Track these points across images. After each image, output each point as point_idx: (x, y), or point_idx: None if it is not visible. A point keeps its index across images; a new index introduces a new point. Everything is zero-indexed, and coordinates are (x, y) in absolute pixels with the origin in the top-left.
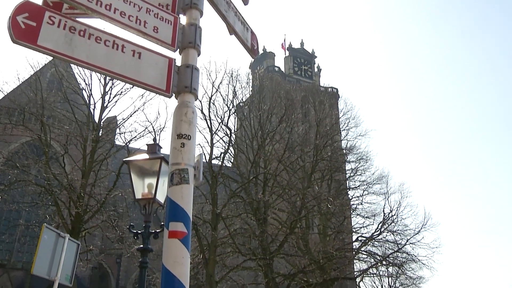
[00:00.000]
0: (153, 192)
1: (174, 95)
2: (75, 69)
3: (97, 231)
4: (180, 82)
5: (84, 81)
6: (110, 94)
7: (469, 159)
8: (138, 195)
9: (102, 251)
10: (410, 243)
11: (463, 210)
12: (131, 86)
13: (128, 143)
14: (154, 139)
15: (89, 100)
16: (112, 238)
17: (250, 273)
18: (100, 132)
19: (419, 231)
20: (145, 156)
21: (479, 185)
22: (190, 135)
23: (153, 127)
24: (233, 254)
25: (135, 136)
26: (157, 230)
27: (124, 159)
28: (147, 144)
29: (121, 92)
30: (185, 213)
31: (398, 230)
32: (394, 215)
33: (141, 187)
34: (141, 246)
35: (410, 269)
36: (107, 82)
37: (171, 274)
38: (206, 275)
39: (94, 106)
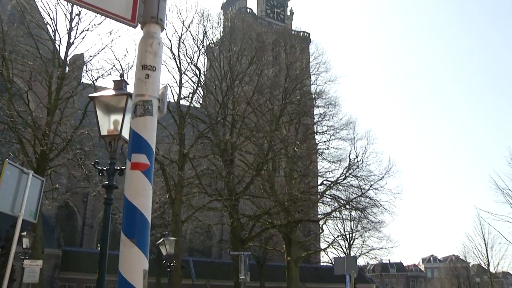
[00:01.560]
0: (119, 128)
1: (139, 25)
2: (39, 1)
3: (63, 170)
4: (146, 12)
5: (49, 15)
6: (77, 30)
7: (437, 108)
8: (104, 132)
9: (68, 190)
10: (374, 189)
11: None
12: (99, 22)
13: (95, 81)
14: (121, 76)
15: (54, 36)
16: (78, 177)
17: (216, 213)
18: (66, 69)
19: (382, 177)
20: (111, 92)
21: (444, 135)
22: (155, 66)
23: (121, 65)
24: (199, 195)
25: (103, 74)
26: (123, 167)
27: (90, 95)
28: (113, 81)
29: (88, 29)
30: (148, 145)
31: (362, 175)
32: (360, 161)
33: (106, 123)
34: (106, 182)
35: (372, 213)
36: (73, 17)
37: (133, 205)
38: (172, 215)
39: (60, 42)
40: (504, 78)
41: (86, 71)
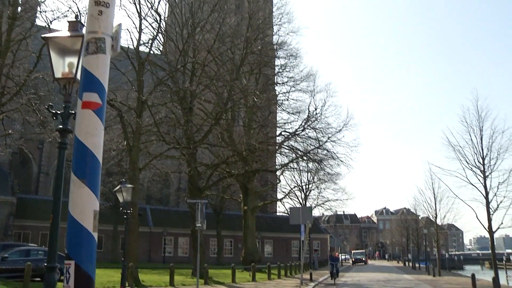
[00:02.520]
0: (74, 71)
1: None
2: None
3: (17, 115)
4: None
5: None
6: None
7: (396, 65)
8: (58, 75)
9: (22, 136)
10: (331, 141)
11: (384, 114)
12: None
13: (50, 24)
14: (77, 17)
15: None
16: (33, 123)
17: (174, 161)
18: (19, 9)
19: (340, 130)
20: (66, 33)
21: (402, 91)
22: (109, 2)
23: (78, 7)
24: (158, 143)
25: (58, 17)
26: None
27: (43, 35)
28: (68, 21)
29: None
30: (100, 84)
31: (320, 127)
32: (318, 113)
33: (61, 66)
34: (61, 126)
35: (329, 165)
36: None
37: (83, 145)
38: (130, 162)
39: None
40: (461, 39)
41: (41, 12)
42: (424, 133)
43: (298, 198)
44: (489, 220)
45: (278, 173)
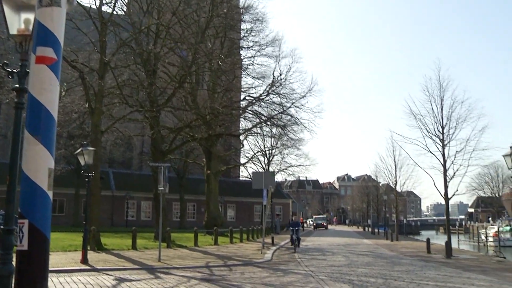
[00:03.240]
0: (31, 28)
1: None
2: None
3: None
4: None
5: None
6: None
7: (361, 34)
8: (13, 31)
9: None
10: (295, 106)
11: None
12: None
13: None
14: None
15: None
16: None
17: (137, 124)
18: None
19: (304, 96)
20: None
21: (367, 59)
22: None
23: None
24: (120, 105)
25: None
26: None
27: None
28: None
29: None
30: (55, 38)
31: (285, 93)
32: (283, 78)
33: (16, 22)
34: (17, 86)
35: (292, 131)
36: None
37: (37, 101)
38: (92, 125)
39: None
40: (427, 9)
41: None
42: (387, 101)
43: (261, 163)
44: (446, 187)
45: (241, 137)
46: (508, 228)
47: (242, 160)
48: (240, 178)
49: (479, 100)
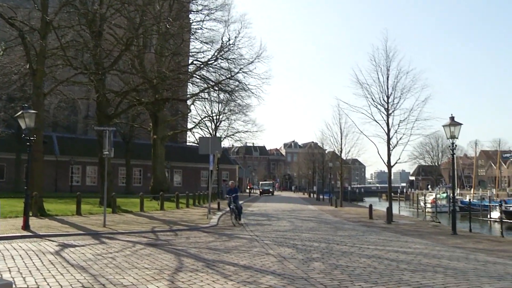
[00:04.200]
0: None
1: None
2: None
3: None
4: None
5: None
6: None
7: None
8: None
9: None
10: (243, 72)
11: (297, 50)
12: None
13: None
14: None
15: None
16: None
17: (82, 88)
18: None
19: (252, 62)
20: None
21: (317, 27)
22: None
23: None
24: (64, 67)
25: None
26: None
27: None
28: None
29: None
30: None
31: (233, 58)
32: (232, 44)
33: None
34: None
35: (240, 96)
36: None
37: None
38: (33, 87)
39: None
40: None
41: None
42: (335, 70)
43: (208, 129)
44: (389, 155)
45: (189, 102)
46: (444, 195)
47: (189, 125)
48: (187, 144)
49: (422, 71)
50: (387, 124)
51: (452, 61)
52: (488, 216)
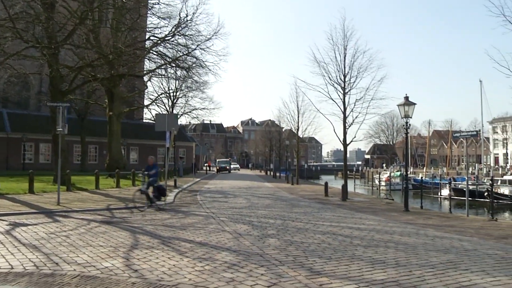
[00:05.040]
0: None
1: None
2: None
3: None
4: None
5: None
6: None
7: None
8: None
9: None
10: (200, 49)
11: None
12: None
13: None
14: None
15: None
16: None
17: (34, 62)
18: None
19: (210, 38)
20: None
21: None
22: None
23: None
24: (14, 40)
25: None
26: None
27: None
28: None
29: None
30: None
31: (190, 35)
32: (189, 20)
33: None
34: None
35: (197, 73)
36: None
37: None
38: None
39: None
40: None
41: None
42: (293, 48)
43: (165, 106)
44: (345, 134)
45: (145, 78)
46: (398, 173)
47: (146, 102)
48: (144, 121)
49: (379, 51)
50: (344, 102)
51: (409, 43)
52: (439, 194)
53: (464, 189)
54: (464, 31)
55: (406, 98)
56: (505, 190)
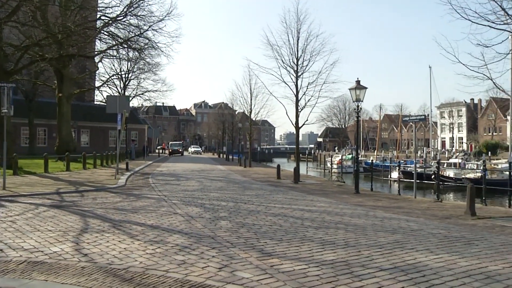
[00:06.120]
0: None
1: None
2: None
3: None
4: None
5: None
6: None
7: None
8: None
9: None
10: (152, 30)
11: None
12: None
13: None
14: None
15: None
16: None
17: None
18: None
19: (162, 19)
20: None
21: None
22: None
23: None
24: None
25: None
26: None
27: None
28: None
29: None
30: None
31: (142, 15)
32: (141, 0)
33: None
34: None
35: (150, 55)
36: None
37: None
38: None
39: None
40: None
41: None
42: (247, 30)
43: (117, 87)
44: (297, 116)
45: (96, 59)
46: (350, 156)
47: (97, 84)
48: (95, 102)
49: (332, 35)
50: (296, 86)
51: (362, 29)
52: (389, 176)
53: (413, 172)
54: (416, 17)
55: (358, 82)
56: (450, 173)
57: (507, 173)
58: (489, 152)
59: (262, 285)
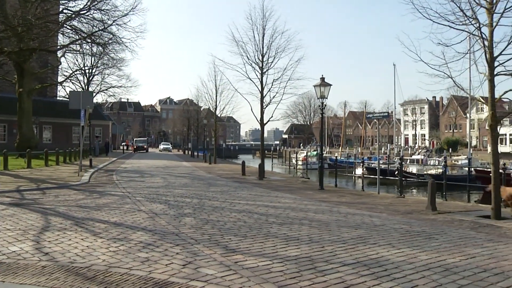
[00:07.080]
0: None
1: None
2: None
3: None
4: None
5: None
6: None
7: None
8: None
9: None
10: (117, 24)
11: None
12: None
13: None
14: None
15: None
16: None
17: None
18: None
19: (127, 14)
20: None
21: None
22: None
23: None
24: None
25: None
26: None
27: None
28: None
29: None
30: None
31: (106, 9)
32: None
33: None
34: None
35: (114, 50)
36: None
37: None
38: None
39: None
40: None
41: None
42: (211, 26)
43: (80, 83)
44: (262, 113)
45: (59, 54)
46: (315, 153)
47: (60, 79)
48: (58, 98)
49: (297, 32)
50: (261, 82)
51: (327, 26)
52: (353, 173)
53: (376, 168)
54: (379, 16)
55: (322, 79)
56: (413, 169)
57: (466, 169)
58: (450, 149)
59: (226, 282)
